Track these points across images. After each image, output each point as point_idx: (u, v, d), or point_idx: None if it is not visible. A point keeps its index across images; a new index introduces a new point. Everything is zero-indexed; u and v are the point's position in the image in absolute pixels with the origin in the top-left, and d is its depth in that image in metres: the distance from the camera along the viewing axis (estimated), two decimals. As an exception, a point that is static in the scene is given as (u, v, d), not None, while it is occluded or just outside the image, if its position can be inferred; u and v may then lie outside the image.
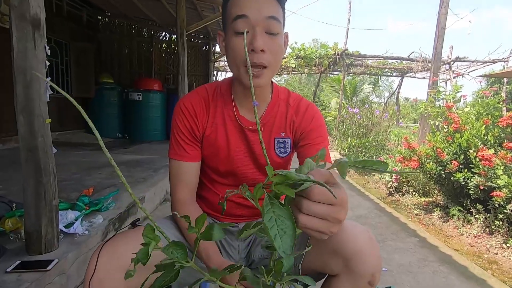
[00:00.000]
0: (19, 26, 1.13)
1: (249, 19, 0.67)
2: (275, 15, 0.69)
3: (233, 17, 0.69)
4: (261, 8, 0.67)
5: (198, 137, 0.82)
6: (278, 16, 0.69)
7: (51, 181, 1.24)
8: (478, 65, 8.59)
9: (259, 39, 0.67)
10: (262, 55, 0.69)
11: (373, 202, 3.11)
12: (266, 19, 0.68)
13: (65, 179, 2.49)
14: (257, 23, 0.68)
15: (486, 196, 2.16)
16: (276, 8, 0.70)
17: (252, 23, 0.68)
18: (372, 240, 0.68)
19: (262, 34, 0.68)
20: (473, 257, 1.97)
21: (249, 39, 0.68)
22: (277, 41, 0.71)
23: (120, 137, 5.84)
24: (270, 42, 0.69)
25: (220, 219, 0.91)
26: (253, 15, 0.67)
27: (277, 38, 0.70)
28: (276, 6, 0.70)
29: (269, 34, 0.69)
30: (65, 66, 5.45)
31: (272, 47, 0.70)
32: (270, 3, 0.69)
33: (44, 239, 1.25)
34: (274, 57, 0.71)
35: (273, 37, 0.70)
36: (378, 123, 5.60)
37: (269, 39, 0.69)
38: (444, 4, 4.94)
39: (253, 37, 0.68)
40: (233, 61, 0.72)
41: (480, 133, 2.37)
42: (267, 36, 0.69)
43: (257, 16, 0.67)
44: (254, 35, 0.68)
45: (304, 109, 0.86)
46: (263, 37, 0.68)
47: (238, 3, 0.69)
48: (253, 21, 0.68)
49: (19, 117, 1.18)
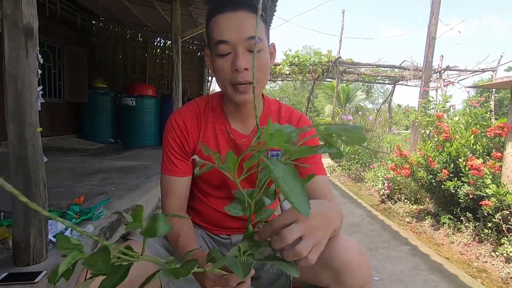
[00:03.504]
0: (11, 35, 1.13)
1: (230, 42, 0.69)
2: (255, 35, 0.70)
3: (215, 42, 0.70)
4: (241, 30, 0.69)
5: (188, 152, 0.82)
6: (260, 35, 0.71)
7: (41, 190, 1.23)
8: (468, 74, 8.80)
9: (241, 59, 0.69)
10: (246, 73, 0.70)
11: (365, 209, 3.13)
12: (247, 40, 0.69)
13: (56, 186, 2.45)
14: (238, 44, 0.69)
15: (476, 205, 2.19)
16: (255, 28, 0.71)
17: (233, 45, 0.69)
18: (363, 253, 0.69)
19: (244, 53, 0.70)
20: (463, 265, 2.00)
21: (232, 60, 0.70)
22: (261, 57, 0.72)
23: (113, 143, 5.78)
24: None
25: (213, 231, 0.91)
26: (234, 38, 0.69)
27: (261, 54, 0.72)
28: (256, 24, 0.72)
29: (252, 52, 0.70)
30: (57, 71, 5.40)
31: (256, 64, 0.71)
32: (250, 24, 0.69)
33: (32, 250, 1.22)
34: (260, 73, 0.73)
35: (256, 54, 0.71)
36: (371, 130, 5.67)
37: (251, 57, 0.70)
38: (434, 15, 5.07)
39: (235, 57, 0.69)
40: (220, 80, 0.74)
41: (469, 143, 2.41)
42: (249, 54, 0.70)
43: (237, 38, 0.69)
44: (236, 55, 0.69)
45: (296, 121, 0.87)
46: (245, 56, 0.70)
47: (218, 27, 0.70)
48: (234, 44, 0.69)
49: (9, 126, 1.17)
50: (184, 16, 4.79)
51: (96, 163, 3.69)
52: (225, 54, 0.70)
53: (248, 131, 0.84)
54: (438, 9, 5.13)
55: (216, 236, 0.91)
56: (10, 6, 1.11)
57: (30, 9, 1.16)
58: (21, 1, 1.12)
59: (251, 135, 0.84)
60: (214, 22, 0.71)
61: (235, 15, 0.69)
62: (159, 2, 4.52)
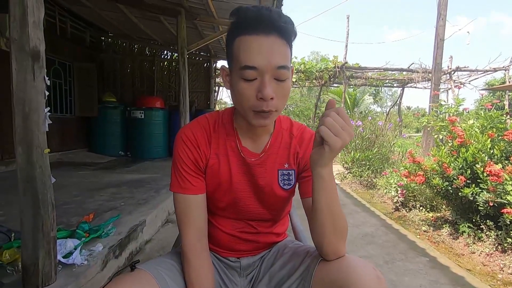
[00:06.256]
0: (18, 58, 1.14)
1: (258, 69, 0.65)
2: (285, 64, 0.66)
3: (242, 65, 0.66)
4: (271, 59, 0.65)
5: (202, 168, 0.79)
6: (287, 64, 0.67)
7: (49, 212, 1.22)
8: (479, 74, 8.61)
9: (268, 88, 0.65)
10: (271, 102, 0.67)
11: (379, 218, 3.04)
12: (276, 69, 0.66)
13: (66, 202, 2.46)
14: (267, 71, 0.65)
15: (497, 212, 2.09)
16: (286, 56, 0.67)
17: (261, 72, 0.66)
18: (380, 279, 0.65)
19: (271, 81, 0.66)
20: (487, 277, 1.89)
21: (258, 86, 0.66)
22: (285, 86, 0.69)
23: (123, 155, 5.85)
24: (279, 89, 0.68)
25: (221, 254, 0.87)
26: (263, 65, 0.65)
27: (286, 82, 0.68)
28: (286, 52, 0.68)
29: (278, 80, 0.67)
30: (68, 87, 5.53)
31: (280, 93, 0.68)
32: (280, 52, 0.66)
33: (41, 272, 1.21)
34: (282, 101, 0.70)
35: (282, 83, 0.68)
36: (382, 135, 5.56)
37: (277, 86, 0.67)
38: (441, 16, 5.00)
39: (262, 85, 0.66)
40: (240, 104, 0.70)
41: (485, 147, 2.32)
42: (275, 82, 0.67)
43: (267, 67, 0.65)
44: (263, 83, 0.66)
45: (308, 139, 0.83)
46: (272, 85, 0.66)
47: (248, 50, 0.65)
48: (262, 71, 0.65)
49: (18, 148, 1.17)
50: (190, 29, 4.86)
51: (106, 177, 3.72)
52: (251, 79, 0.66)
53: (259, 149, 0.81)
54: (445, 10, 5.06)
55: (225, 258, 0.87)
56: (18, 30, 1.13)
57: (36, 32, 1.17)
58: (28, 25, 1.13)
59: (262, 155, 0.81)
60: (242, 42, 0.66)
61: (266, 40, 0.65)
62: (165, 16, 4.60)
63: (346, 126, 0.59)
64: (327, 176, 0.65)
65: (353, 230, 2.64)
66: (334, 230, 0.68)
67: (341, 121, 0.59)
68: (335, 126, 0.59)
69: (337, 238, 0.69)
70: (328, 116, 0.60)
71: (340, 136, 0.59)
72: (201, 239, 0.77)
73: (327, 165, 0.64)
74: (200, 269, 0.74)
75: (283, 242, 0.91)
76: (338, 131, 0.59)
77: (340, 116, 0.60)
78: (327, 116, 0.60)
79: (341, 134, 0.59)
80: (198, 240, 0.76)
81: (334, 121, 0.59)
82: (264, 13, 0.65)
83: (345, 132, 0.59)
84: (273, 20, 0.65)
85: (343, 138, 0.59)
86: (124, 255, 1.82)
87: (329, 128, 0.59)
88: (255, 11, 0.66)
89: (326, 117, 0.60)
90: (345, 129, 0.59)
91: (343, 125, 0.59)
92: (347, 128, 0.59)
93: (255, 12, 0.65)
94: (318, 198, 0.67)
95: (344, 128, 0.59)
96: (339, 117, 0.60)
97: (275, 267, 0.82)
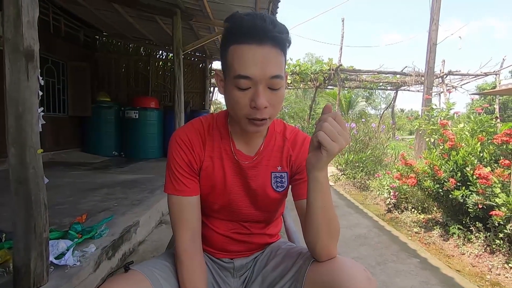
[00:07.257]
0: (12, 58, 1.13)
1: (252, 79, 0.66)
2: (279, 74, 0.67)
3: (235, 74, 0.66)
4: (265, 69, 0.65)
5: (196, 170, 0.80)
6: (281, 73, 0.68)
7: (41, 213, 1.21)
8: (470, 78, 8.77)
9: (261, 97, 0.66)
10: (264, 110, 0.68)
11: (372, 220, 3.07)
12: (270, 79, 0.66)
13: (59, 202, 2.44)
14: (261, 81, 0.66)
15: (486, 214, 2.14)
16: (280, 65, 0.68)
17: (255, 82, 0.66)
18: (371, 280, 0.66)
19: (265, 91, 0.67)
20: (476, 278, 1.93)
21: (251, 95, 0.67)
22: (279, 94, 0.69)
23: (117, 155, 5.80)
24: (272, 97, 0.68)
25: (215, 255, 0.88)
26: (257, 76, 0.65)
27: (280, 91, 0.69)
28: (280, 61, 0.68)
29: (272, 89, 0.68)
30: (61, 86, 5.47)
31: (274, 101, 0.69)
32: (274, 62, 0.66)
33: (33, 273, 1.20)
34: (276, 108, 0.71)
35: (276, 91, 0.69)
36: (375, 137, 5.62)
37: (271, 94, 0.68)
38: (434, 21, 5.08)
39: (256, 95, 0.66)
40: (234, 111, 0.71)
41: (475, 151, 2.37)
42: (269, 91, 0.68)
43: (261, 77, 0.65)
44: (257, 92, 0.66)
45: (301, 142, 0.85)
46: (266, 94, 0.67)
47: (241, 60, 0.66)
48: (256, 80, 0.66)
49: (10, 149, 1.16)
50: (185, 29, 4.85)
51: (100, 177, 3.68)
52: (245, 88, 0.67)
53: (253, 151, 0.83)
54: (438, 15, 5.14)
55: (219, 259, 0.88)
56: (12, 30, 1.12)
57: (31, 32, 1.17)
58: (22, 24, 1.12)
59: (255, 158, 0.82)
60: (236, 51, 0.66)
61: (261, 49, 0.65)
62: (160, 17, 4.59)
63: (343, 132, 0.61)
64: (323, 179, 0.66)
65: (346, 231, 2.67)
66: (327, 232, 0.69)
67: (338, 126, 0.61)
68: (333, 132, 0.61)
69: (330, 239, 0.70)
70: (325, 122, 0.61)
71: (337, 141, 0.61)
72: (195, 240, 0.78)
73: (323, 169, 0.66)
74: (193, 270, 0.75)
75: (276, 243, 0.92)
76: (335, 136, 0.61)
77: (337, 121, 0.62)
78: (324, 121, 0.61)
79: (338, 140, 0.61)
80: (192, 242, 0.77)
81: (332, 126, 0.61)
82: (258, 22, 0.65)
83: (342, 138, 0.61)
84: (267, 30, 0.64)
85: (340, 143, 0.61)
86: (117, 256, 1.82)
87: (327, 134, 0.61)
88: (250, 20, 0.65)
89: (323, 123, 0.61)
90: (341, 134, 0.61)
91: (340, 130, 0.61)
92: (344, 133, 0.61)
93: (250, 22, 0.65)
94: (313, 201, 0.68)
95: (340, 133, 0.61)
96: (336, 123, 0.61)
97: (268, 268, 0.83)
